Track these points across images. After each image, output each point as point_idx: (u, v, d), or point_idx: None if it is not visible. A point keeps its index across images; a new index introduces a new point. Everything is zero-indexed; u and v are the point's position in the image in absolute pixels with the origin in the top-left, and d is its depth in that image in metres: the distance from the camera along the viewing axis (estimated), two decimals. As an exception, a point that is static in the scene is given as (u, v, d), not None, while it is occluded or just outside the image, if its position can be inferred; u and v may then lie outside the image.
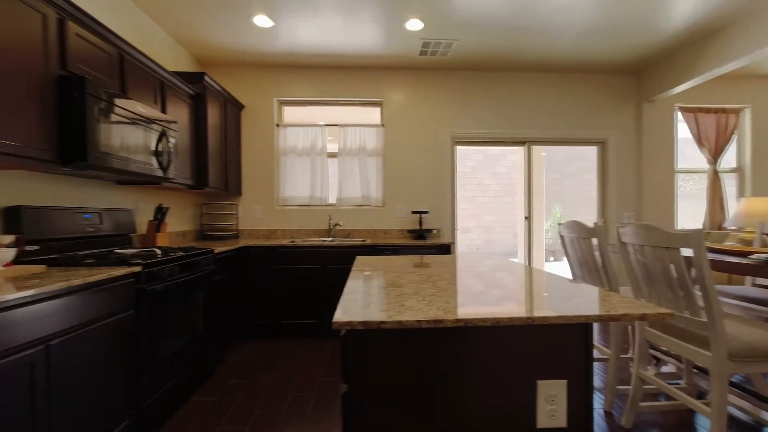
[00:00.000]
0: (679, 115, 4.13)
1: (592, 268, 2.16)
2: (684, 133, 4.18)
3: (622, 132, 4.09)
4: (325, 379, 2.48)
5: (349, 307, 0.97)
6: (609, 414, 2.00)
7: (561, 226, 2.38)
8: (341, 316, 0.88)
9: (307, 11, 2.84)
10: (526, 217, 4.23)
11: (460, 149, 4.19)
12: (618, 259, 3.55)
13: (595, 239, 2.09)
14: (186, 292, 2.21)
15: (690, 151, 4.46)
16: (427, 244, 3.36)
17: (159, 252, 2.14)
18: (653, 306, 0.98)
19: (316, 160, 3.88)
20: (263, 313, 3.26)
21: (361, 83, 3.91)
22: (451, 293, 1.14)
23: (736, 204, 3.82)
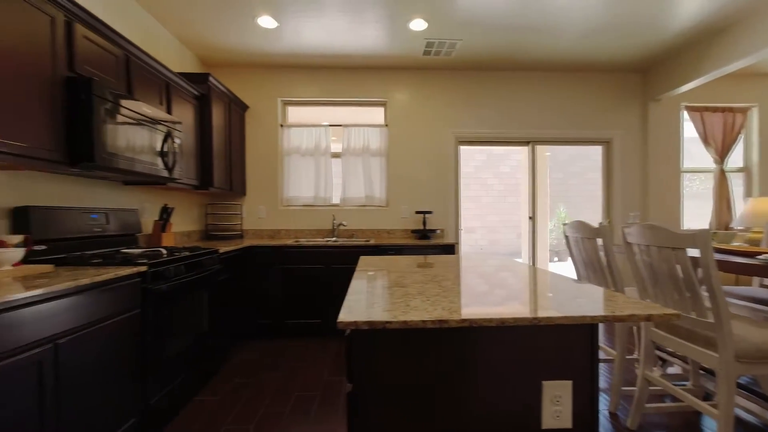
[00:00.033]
0: (685, 114, 4.09)
1: (597, 269, 2.15)
2: (690, 132, 4.14)
3: (627, 131, 4.06)
4: (329, 378, 2.49)
5: (354, 307, 0.97)
6: (614, 415, 2.00)
7: (566, 226, 2.37)
8: (346, 316, 0.89)
9: (312, 12, 2.85)
10: (530, 217, 4.21)
11: (463, 149, 4.19)
12: (623, 259, 3.52)
13: (600, 239, 2.08)
14: (191, 291, 2.23)
15: (696, 150, 4.42)
16: (430, 244, 3.36)
17: (164, 252, 2.16)
18: (659, 307, 0.97)
19: (320, 160, 3.89)
20: (267, 313, 3.27)
21: (364, 83, 3.92)
22: (456, 293, 1.14)
23: (744, 204, 3.78)
